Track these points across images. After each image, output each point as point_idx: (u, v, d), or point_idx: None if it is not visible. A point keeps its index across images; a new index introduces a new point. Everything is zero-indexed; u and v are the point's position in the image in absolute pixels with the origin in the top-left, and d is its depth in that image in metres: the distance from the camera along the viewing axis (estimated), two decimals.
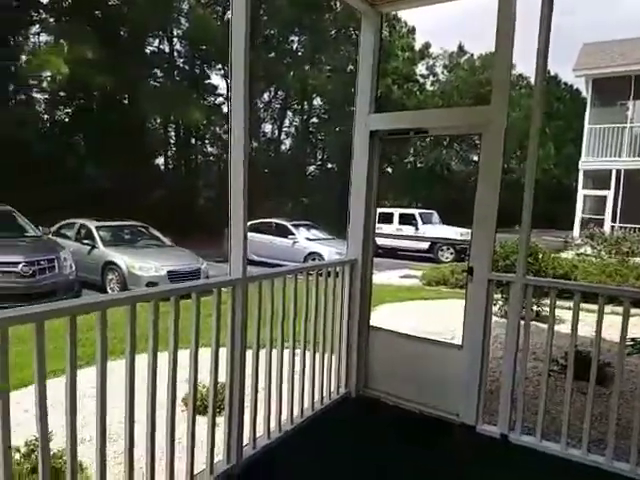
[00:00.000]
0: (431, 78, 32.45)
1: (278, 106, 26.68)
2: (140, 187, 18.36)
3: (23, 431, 2.18)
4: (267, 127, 26.74)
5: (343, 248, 4.70)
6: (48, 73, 18.08)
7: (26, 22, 18.76)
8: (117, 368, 2.05)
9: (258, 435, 2.75)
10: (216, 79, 23.24)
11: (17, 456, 2.23)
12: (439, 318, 6.67)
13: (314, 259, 11.77)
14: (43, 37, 19.34)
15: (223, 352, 2.45)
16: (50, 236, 9.35)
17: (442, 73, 33.09)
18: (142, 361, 2.04)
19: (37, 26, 19.32)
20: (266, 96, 25.93)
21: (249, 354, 2.58)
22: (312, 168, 27.65)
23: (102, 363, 1.85)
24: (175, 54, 22.86)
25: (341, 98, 21.87)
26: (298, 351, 3.09)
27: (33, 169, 16.10)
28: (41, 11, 18.86)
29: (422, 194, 26.76)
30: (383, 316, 6.69)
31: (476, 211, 3.10)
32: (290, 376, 2.99)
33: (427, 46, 31.50)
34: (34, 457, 2.24)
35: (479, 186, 3.09)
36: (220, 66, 22.61)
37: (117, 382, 1.96)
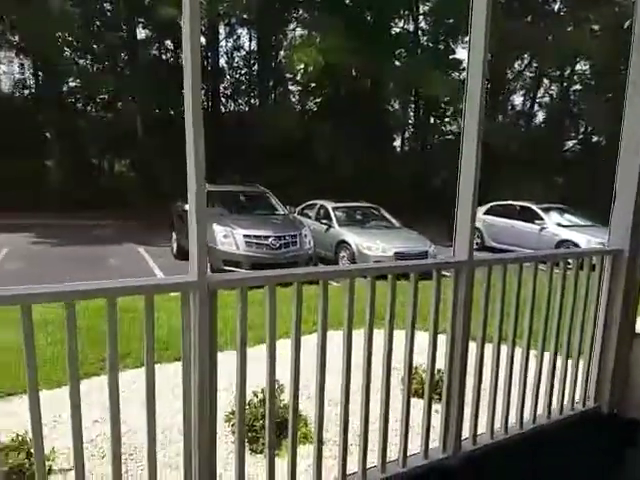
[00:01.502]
0: None
1: (531, 75, 24.44)
2: (376, 169, 19.48)
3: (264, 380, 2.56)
4: (516, 99, 24.83)
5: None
6: (302, 66, 20.66)
7: (285, 20, 21.77)
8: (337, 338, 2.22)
9: (479, 432, 2.63)
10: (462, 53, 22.71)
11: (255, 400, 2.68)
12: None
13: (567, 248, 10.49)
14: (298, 32, 22.16)
15: (442, 339, 2.40)
16: (295, 215, 10.84)
17: None
18: (360, 337, 2.15)
19: (294, 23, 22.21)
20: (517, 65, 24.08)
21: (472, 345, 2.47)
22: (571, 143, 24.49)
23: (323, 331, 2.03)
24: (419, 32, 23.27)
25: (613, 61, 18.62)
26: (534, 351, 2.80)
27: (286, 155, 18.75)
28: (298, 8, 21.57)
29: None
30: None
31: None
32: (522, 377, 2.74)
33: None
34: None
35: None
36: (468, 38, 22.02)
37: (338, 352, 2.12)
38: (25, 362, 1.53)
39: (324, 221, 10.75)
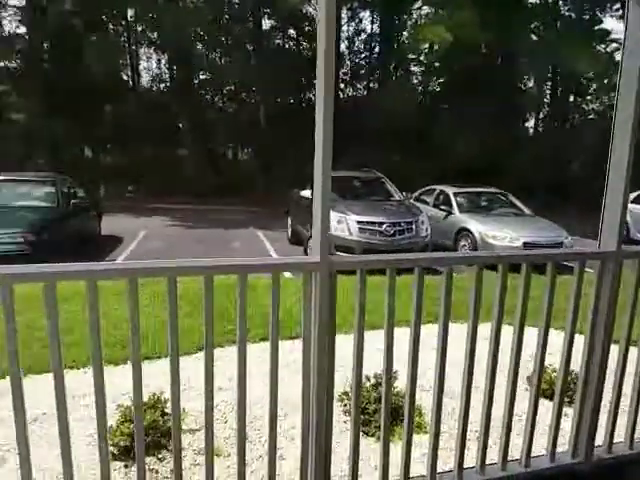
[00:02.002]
0: None
1: None
2: (505, 152, 18.39)
3: (375, 365, 2.59)
4: None
5: None
6: (427, 45, 20.03)
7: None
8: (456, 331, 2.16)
9: (616, 440, 2.42)
10: (610, 22, 20.53)
11: (367, 384, 2.74)
12: None
13: None
14: (424, 10, 21.54)
15: (579, 339, 2.24)
16: (411, 201, 10.61)
17: None
18: (484, 329, 2.08)
19: (419, 1, 21.63)
20: None
21: (614, 348, 2.28)
22: None
23: (445, 320, 2.00)
24: (560, 2, 21.45)
25: None
26: None
27: (405, 139, 18.44)
28: None
29: None
30: None
31: None
32: None
33: None
34: (379, 389, 2.66)
35: None
36: (618, 5, 19.77)
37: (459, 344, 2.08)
38: (168, 329, 1.74)
39: (443, 207, 10.33)
